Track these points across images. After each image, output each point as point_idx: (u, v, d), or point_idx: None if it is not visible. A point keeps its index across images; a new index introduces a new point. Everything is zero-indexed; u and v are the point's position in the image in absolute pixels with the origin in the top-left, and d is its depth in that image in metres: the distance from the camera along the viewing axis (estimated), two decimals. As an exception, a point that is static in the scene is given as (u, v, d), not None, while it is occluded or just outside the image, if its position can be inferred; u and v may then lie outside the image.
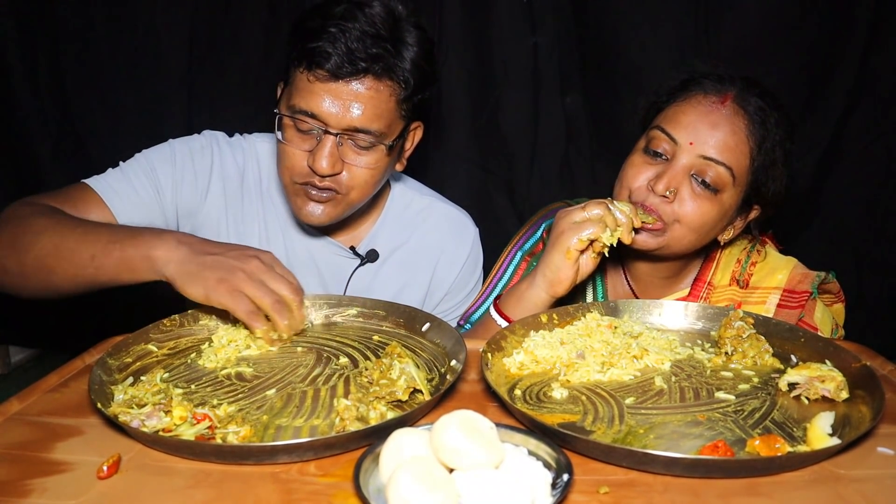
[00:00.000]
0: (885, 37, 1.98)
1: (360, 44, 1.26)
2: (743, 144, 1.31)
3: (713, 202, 1.32)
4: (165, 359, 1.14)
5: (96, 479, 0.80)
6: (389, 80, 1.31)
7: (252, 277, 1.12)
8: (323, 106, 1.29)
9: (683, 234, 1.34)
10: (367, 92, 1.30)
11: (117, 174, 1.45)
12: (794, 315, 1.40)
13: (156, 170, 1.46)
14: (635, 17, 2.01)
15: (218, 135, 1.58)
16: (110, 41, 2.13)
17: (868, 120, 2.06)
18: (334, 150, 1.32)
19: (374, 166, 1.37)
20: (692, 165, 1.31)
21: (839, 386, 0.98)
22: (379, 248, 1.59)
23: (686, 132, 1.32)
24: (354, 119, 1.30)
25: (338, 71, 1.27)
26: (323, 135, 1.32)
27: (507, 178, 2.21)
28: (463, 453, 0.71)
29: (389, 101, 1.33)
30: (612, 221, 1.24)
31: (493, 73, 2.12)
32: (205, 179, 1.51)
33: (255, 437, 0.89)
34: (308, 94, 1.30)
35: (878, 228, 2.14)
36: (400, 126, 1.39)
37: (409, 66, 1.32)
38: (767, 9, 1.98)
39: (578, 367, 1.08)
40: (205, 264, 1.14)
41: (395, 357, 1.03)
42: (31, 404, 0.99)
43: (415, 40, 1.34)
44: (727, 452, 0.82)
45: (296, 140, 1.35)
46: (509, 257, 1.59)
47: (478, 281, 1.70)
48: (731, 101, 1.33)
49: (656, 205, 1.31)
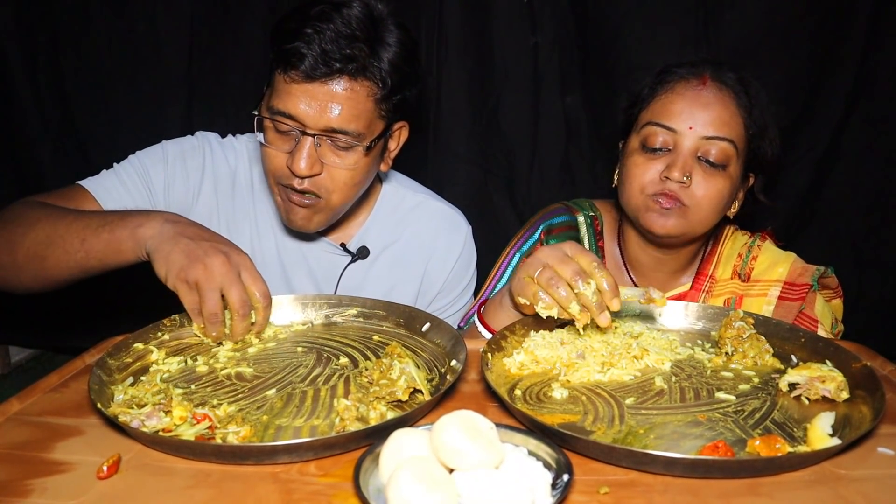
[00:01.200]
0: (884, 37, 1.99)
1: (334, 45, 1.26)
2: (736, 116, 1.36)
3: (724, 178, 1.36)
4: (165, 359, 1.13)
5: (96, 479, 0.80)
6: (365, 79, 1.31)
7: (209, 274, 1.11)
8: (300, 107, 1.29)
9: (704, 217, 1.37)
10: (344, 92, 1.29)
11: (110, 175, 1.47)
12: (795, 307, 1.41)
13: (148, 170, 1.48)
14: (635, 17, 2.02)
15: (210, 136, 1.59)
16: (110, 41, 2.13)
17: (868, 120, 2.06)
18: (312, 151, 1.32)
19: (353, 167, 1.36)
20: (697, 148, 1.34)
21: (839, 386, 0.98)
22: (370, 244, 1.59)
23: (682, 118, 1.35)
24: (331, 119, 1.30)
25: (312, 72, 1.27)
26: (301, 136, 1.32)
27: (507, 177, 2.21)
28: (463, 453, 0.71)
29: (367, 101, 1.32)
30: (560, 303, 1.09)
31: (493, 73, 2.12)
32: (196, 179, 1.52)
33: (255, 437, 0.89)
34: (285, 95, 1.30)
35: (878, 228, 2.14)
36: (380, 126, 1.39)
37: (386, 66, 1.32)
38: (767, 9, 1.99)
39: (579, 368, 1.08)
40: (177, 246, 1.14)
41: (395, 357, 1.03)
42: (31, 404, 0.99)
43: (395, 40, 1.33)
44: (727, 453, 0.82)
45: (276, 141, 1.35)
46: (508, 259, 1.60)
47: (471, 279, 1.70)
48: (710, 79, 1.37)
49: (675, 191, 1.34)
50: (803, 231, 2.17)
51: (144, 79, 2.15)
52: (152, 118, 2.18)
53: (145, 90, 2.16)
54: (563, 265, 1.10)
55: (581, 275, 1.09)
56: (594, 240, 1.58)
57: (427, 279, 1.63)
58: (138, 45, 2.13)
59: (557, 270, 1.10)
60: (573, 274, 1.09)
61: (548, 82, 2.12)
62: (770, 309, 1.42)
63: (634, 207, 1.40)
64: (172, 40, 2.13)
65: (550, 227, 1.58)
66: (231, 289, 1.12)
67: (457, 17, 2.08)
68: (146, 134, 2.13)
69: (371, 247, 1.59)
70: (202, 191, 1.52)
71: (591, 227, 1.59)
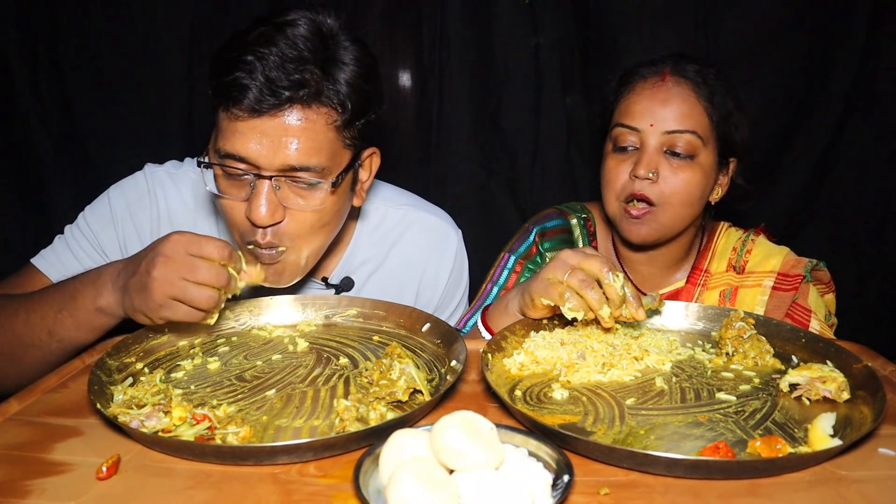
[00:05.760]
0: (883, 37, 1.99)
1: (280, 71, 1.11)
2: (697, 106, 1.39)
3: (693, 168, 1.39)
4: (165, 359, 1.13)
5: (95, 479, 0.80)
6: (321, 106, 1.16)
7: (168, 283, 1.03)
8: (250, 147, 1.13)
9: (677, 211, 1.41)
10: (298, 124, 1.14)
11: (62, 247, 1.39)
12: (789, 297, 1.44)
13: (98, 236, 1.39)
14: (636, 17, 2.02)
15: (159, 172, 1.44)
16: (110, 41, 2.13)
17: (867, 120, 2.06)
18: (272, 196, 1.15)
19: (319, 208, 1.20)
20: (661, 143, 1.39)
21: (840, 387, 0.98)
22: (354, 273, 1.47)
23: (643, 117, 1.39)
24: (289, 157, 1.14)
25: (258, 105, 1.11)
26: (256, 180, 1.15)
27: (509, 177, 2.22)
28: (463, 454, 0.70)
29: (327, 130, 1.17)
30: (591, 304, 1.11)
31: (494, 73, 2.13)
32: (150, 229, 1.40)
33: (254, 437, 0.89)
34: (231, 134, 1.14)
35: (877, 228, 2.15)
36: (346, 157, 1.23)
37: (343, 87, 1.17)
38: (767, 9, 2.00)
39: (579, 368, 1.08)
40: (129, 292, 1.06)
41: (395, 357, 1.03)
42: (31, 405, 0.99)
43: (351, 58, 1.19)
44: (728, 453, 0.82)
45: (230, 190, 1.20)
46: (503, 262, 1.61)
47: (464, 291, 1.64)
48: (669, 74, 1.41)
49: (644, 188, 1.38)
50: (803, 231, 2.17)
51: (144, 79, 2.15)
52: (152, 118, 2.17)
53: (145, 90, 2.16)
54: (590, 262, 1.11)
55: (610, 266, 1.11)
56: (588, 241, 1.61)
57: (420, 300, 1.56)
58: (138, 45, 2.13)
59: (587, 268, 1.11)
60: (601, 265, 1.10)
61: (549, 82, 2.13)
62: (764, 299, 1.45)
63: (612, 214, 1.48)
64: (172, 40, 2.13)
65: (544, 231, 1.61)
66: (194, 274, 1.03)
67: (458, 18, 2.08)
68: (146, 134, 2.14)
69: (356, 274, 1.48)
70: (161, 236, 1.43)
71: (584, 229, 1.62)
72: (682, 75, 1.41)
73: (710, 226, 1.58)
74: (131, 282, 1.06)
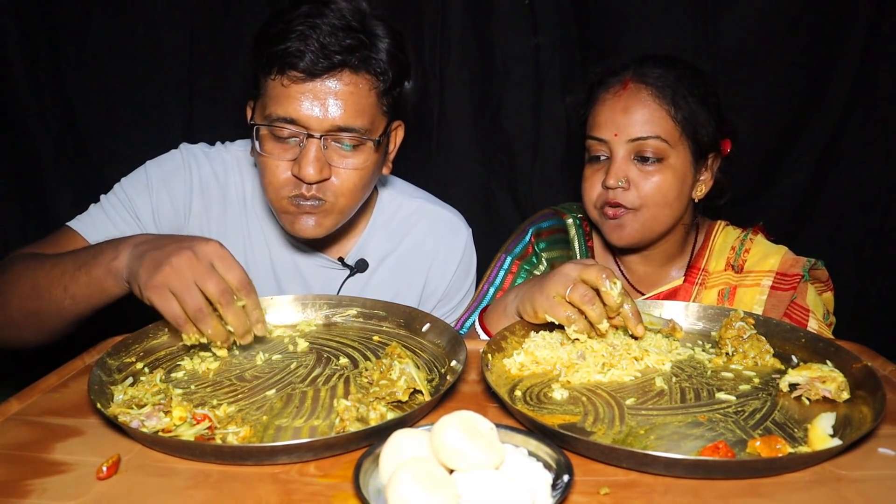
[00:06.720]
0: (884, 37, 1.99)
1: (332, 38, 1.21)
2: (658, 110, 1.40)
3: (663, 171, 1.40)
4: (165, 359, 1.13)
5: (96, 479, 0.80)
6: (367, 73, 1.27)
7: (178, 274, 1.01)
8: (302, 109, 1.24)
9: (655, 213, 1.42)
10: (347, 88, 1.25)
11: (98, 211, 1.43)
12: (787, 297, 1.44)
13: (133, 200, 1.43)
14: (636, 17, 2.03)
15: (195, 149, 1.51)
16: (110, 41, 2.13)
17: (868, 120, 2.07)
18: (320, 155, 1.27)
19: (362, 166, 1.32)
20: (628, 151, 1.41)
21: (840, 387, 0.98)
22: (368, 256, 1.55)
23: (607, 127, 1.42)
24: (337, 118, 1.25)
25: (313, 68, 1.22)
26: (306, 139, 1.26)
27: (509, 176, 2.22)
28: (463, 454, 0.70)
29: (370, 95, 1.28)
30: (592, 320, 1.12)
31: (494, 73, 2.13)
32: (183, 200, 1.46)
33: (254, 437, 0.89)
34: (284, 99, 1.24)
35: (877, 228, 2.15)
36: (383, 123, 1.35)
37: (385, 56, 1.28)
38: (767, 9, 2.00)
39: (579, 368, 1.08)
40: (143, 261, 1.05)
41: (395, 357, 1.03)
42: (31, 404, 0.99)
43: (385, 32, 1.30)
44: (728, 453, 0.82)
45: (276, 151, 1.29)
46: (499, 263, 1.62)
47: (471, 285, 1.67)
48: (630, 82, 1.42)
49: (618, 196, 1.41)
50: (803, 231, 2.17)
51: (144, 79, 2.15)
52: (152, 118, 2.17)
53: (145, 90, 2.16)
54: (588, 272, 1.12)
55: (609, 273, 1.11)
56: (584, 240, 1.61)
57: (428, 288, 1.61)
58: (138, 45, 2.13)
59: (587, 279, 1.11)
60: (598, 273, 1.11)
61: (549, 82, 2.13)
62: (763, 298, 1.45)
63: (594, 222, 1.51)
64: (172, 40, 2.13)
65: (540, 231, 1.61)
66: (205, 281, 1.02)
67: (459, 19, 2.08)
68: (146, 133, 2.14)
69: (369, 258, 1.55)
70: (192, 210, 1.47)
71: (580, 229, 1.62)
72: (643, 81, 1.41)
73: (706, 224, 1.58)
74: (151, 254, 1.06)
